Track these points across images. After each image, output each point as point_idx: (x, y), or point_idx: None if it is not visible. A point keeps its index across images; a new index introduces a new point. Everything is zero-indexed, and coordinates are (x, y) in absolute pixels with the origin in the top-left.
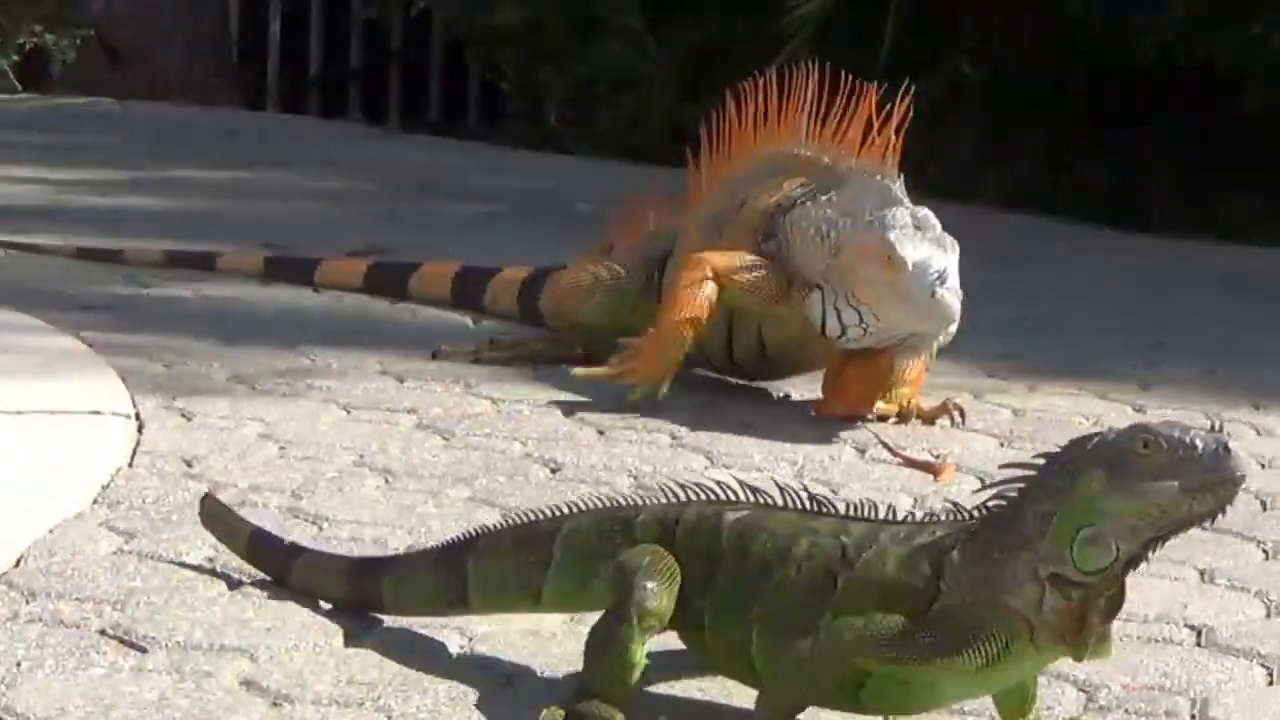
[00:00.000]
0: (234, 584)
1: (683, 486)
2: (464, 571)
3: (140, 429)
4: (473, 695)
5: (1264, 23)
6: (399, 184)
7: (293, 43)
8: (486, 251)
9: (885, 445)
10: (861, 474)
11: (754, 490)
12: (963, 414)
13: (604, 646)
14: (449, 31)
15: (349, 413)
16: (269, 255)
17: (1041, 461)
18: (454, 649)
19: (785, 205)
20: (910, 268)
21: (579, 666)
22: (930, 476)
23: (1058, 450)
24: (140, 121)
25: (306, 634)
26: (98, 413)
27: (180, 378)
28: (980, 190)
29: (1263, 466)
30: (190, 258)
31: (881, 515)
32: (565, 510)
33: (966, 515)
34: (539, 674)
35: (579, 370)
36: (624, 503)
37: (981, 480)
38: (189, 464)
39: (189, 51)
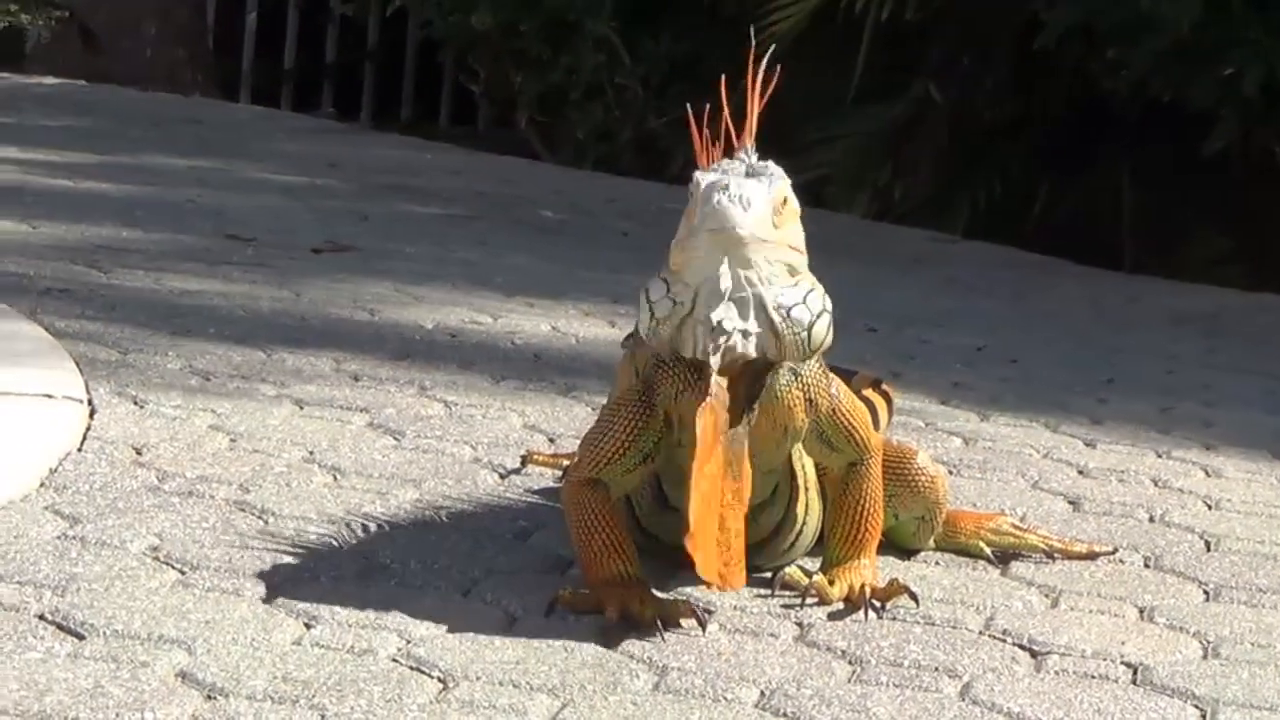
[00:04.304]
0: (176, 575)
1: None
2: None
3: (92, 415)
4: (408, 698)
5: (1236, 63)
6: (365, 181)
7: (269, 35)
8: (447, 254)
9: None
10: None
11: None
12: (915, 597)
13: None
14: (424, 31)
15: (301, 408)
16: None
17: None
18: (391, 650)
19: None
20: (702, 188)
21: (515, 671)
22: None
23: None
24: (111, 107)
25: (245, 629)
26: (49, 396)
27: (134, 365)
28: (945, 216)
29: (1209, 507)
30: None
31: None
32: None
33: None
34: (475, 678)
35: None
36: None
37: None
38: (139, 451)
39: (164, 39)
